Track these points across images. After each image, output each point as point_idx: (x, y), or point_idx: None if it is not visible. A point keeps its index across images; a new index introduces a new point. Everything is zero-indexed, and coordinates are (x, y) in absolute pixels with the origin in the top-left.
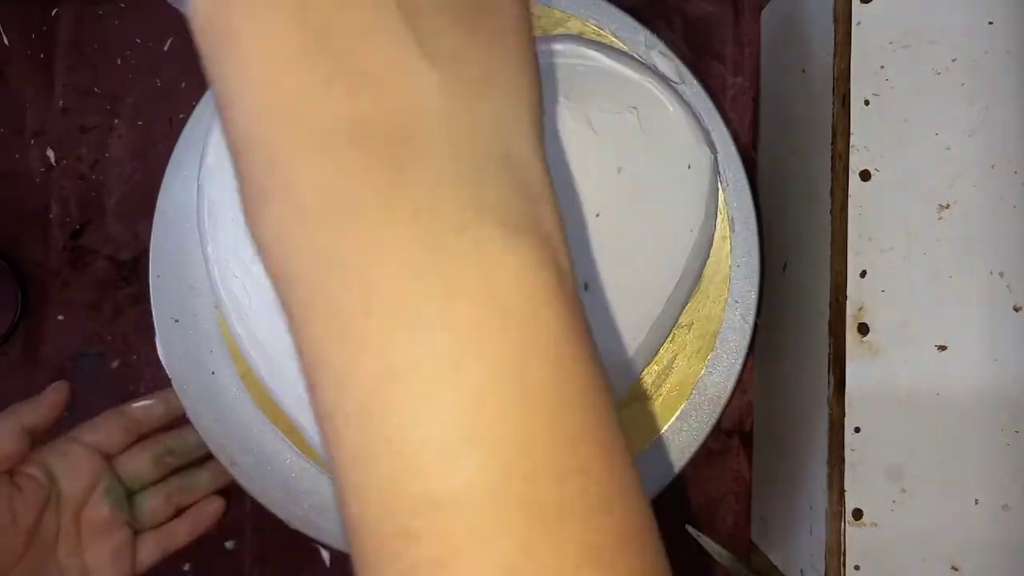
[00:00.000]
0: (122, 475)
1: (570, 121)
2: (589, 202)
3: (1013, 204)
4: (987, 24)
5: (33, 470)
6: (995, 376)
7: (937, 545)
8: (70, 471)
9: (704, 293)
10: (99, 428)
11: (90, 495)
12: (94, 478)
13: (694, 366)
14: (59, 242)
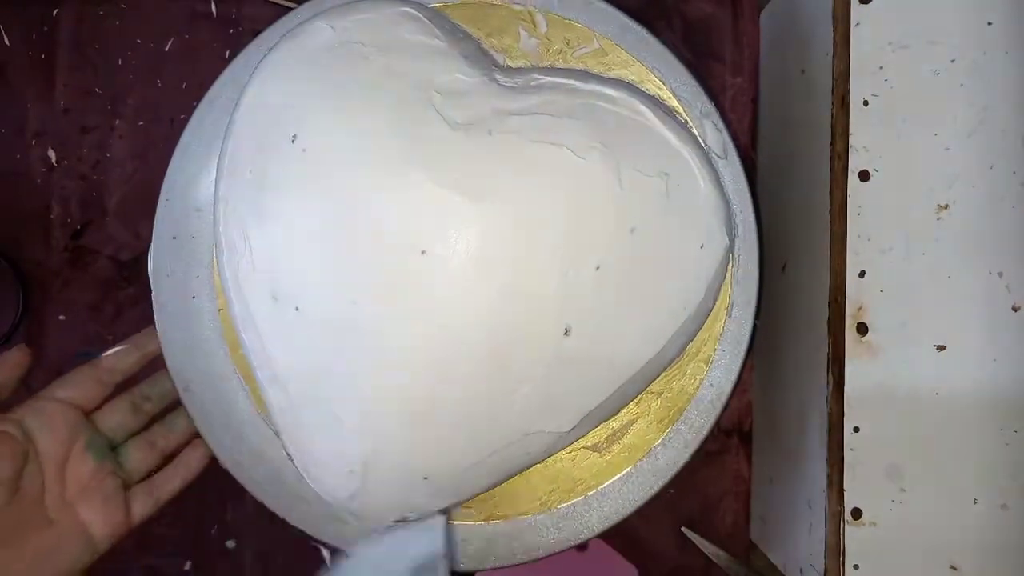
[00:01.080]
0: (103, 428)
1: (600, 167)
2: (593, 253)
3: (1012, 204)
4: (986, 25)
5: (7, 427)
6: (994, 376)
7: (936, 544)
8: (46, 427)
9: (681, 369)
10: (72, 383)
11: (70, 449)
12: (72, 432)
13: (651, 434)
14: (60, 242)
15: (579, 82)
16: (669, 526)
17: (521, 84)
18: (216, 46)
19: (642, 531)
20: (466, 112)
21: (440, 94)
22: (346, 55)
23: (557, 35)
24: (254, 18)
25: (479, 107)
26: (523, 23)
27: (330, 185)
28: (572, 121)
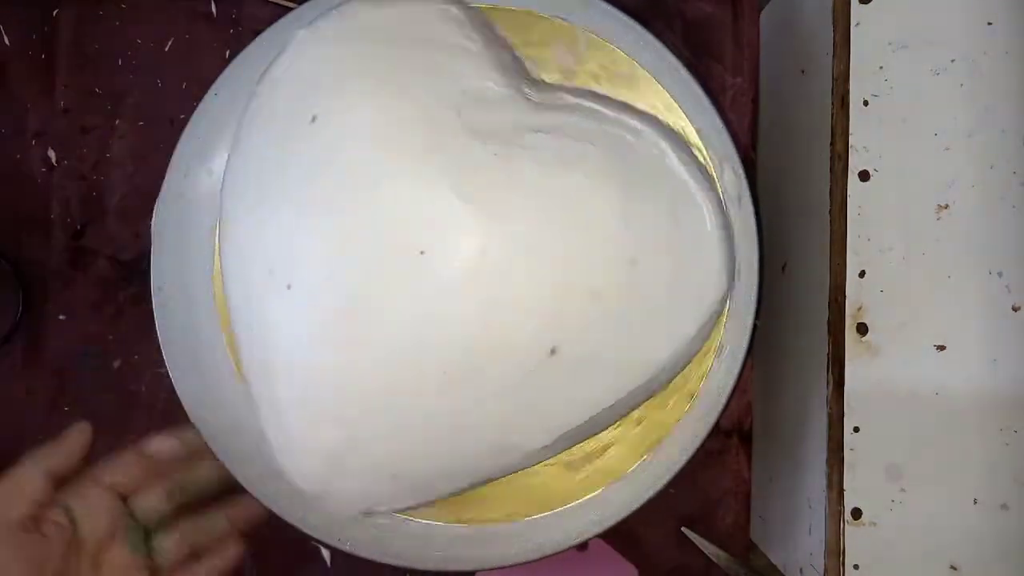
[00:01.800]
0: (136, 512)
1: (610, 197)
2: (590, 278)
3: (1012, 204)
4: (986, 25)
5: (57, 515)
6: (994, 376)
7: (936, 544)
8: (91, 515)
9: (662, 402)
10: (118, 469)
11: (111, 538)
12: (114, 521)
13: (625, 463)
14: (60, 242)
15: (606, 108)
16: (669, 526)
17: (548, 101)
18: (216, 46)
19: (642, 531)
20: (488, 121)
21: (466, 98)
22: (381, 43)
23: (595, 57)
24: (254, 18)
25: (502, 118)
26: (564, 39)
27: (341, 171)
28: (590, 147)
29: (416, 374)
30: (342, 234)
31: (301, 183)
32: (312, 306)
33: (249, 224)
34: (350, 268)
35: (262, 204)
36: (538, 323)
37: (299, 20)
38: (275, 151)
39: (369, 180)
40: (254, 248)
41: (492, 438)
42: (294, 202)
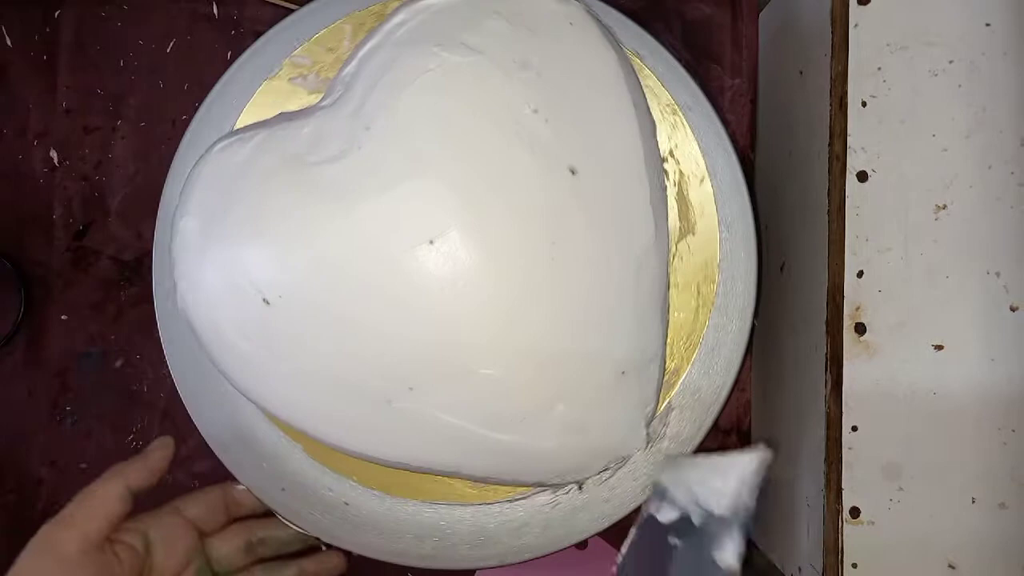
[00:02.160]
0: (212, 555)
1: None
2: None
3: (1010, 205)
4: (984, 26)
5: (133, 539)
6: (992, 375)
7: (934, 543)
8: (168, 544)
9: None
10: (201, 503)
11: (180, 571)
12: (188, 555)
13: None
14: (62, 242)
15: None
16: None
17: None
18: (218, 47)
19: None
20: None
21: (308, 147)
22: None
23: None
24: (255, 19)
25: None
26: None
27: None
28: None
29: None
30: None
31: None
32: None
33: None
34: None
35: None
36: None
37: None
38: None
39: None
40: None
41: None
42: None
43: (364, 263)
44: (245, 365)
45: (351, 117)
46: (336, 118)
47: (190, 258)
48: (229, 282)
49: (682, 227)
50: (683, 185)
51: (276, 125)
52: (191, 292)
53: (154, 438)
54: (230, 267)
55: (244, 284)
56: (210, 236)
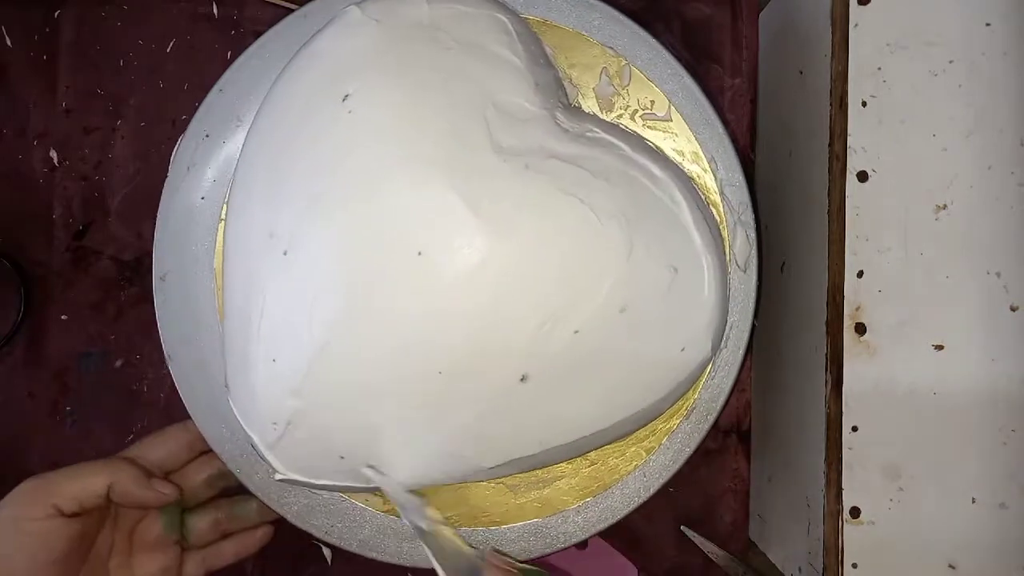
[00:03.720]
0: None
1: (613, 238)
2: (576, 317)
3: (1010, 205)
4: (984, 26)
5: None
6: (992, 375)
7: (934, 543)
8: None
9: (621, 449)
10: (164, 445)
11: (147, 513)
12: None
13: (567, 497)
14: (62, 242)
15: (631, 150)
16: (668, 524)
17: (577, 130)
18: (218, 47)
19: (641, 529)
20: (513, 139)
21: (497, 112)
22: (428, 38)
23: (636, 92)
24: (255, 19)
25: (528, 139)
26: (608, 68)
27: (358, 160)
28: (606, 184)
29: (390, 371)
30: (346, 220)
31: (318, 165)
32: (303, 277)
33: (258, 191)
34: (346, 253)
35: (275, 174)
36: (516, 349)
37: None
38: (299, 126)
39: (381, 175)
40: (259, 212)
41: (445, 446)
42: (307, 180)
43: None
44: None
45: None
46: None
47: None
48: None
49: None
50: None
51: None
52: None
53: None
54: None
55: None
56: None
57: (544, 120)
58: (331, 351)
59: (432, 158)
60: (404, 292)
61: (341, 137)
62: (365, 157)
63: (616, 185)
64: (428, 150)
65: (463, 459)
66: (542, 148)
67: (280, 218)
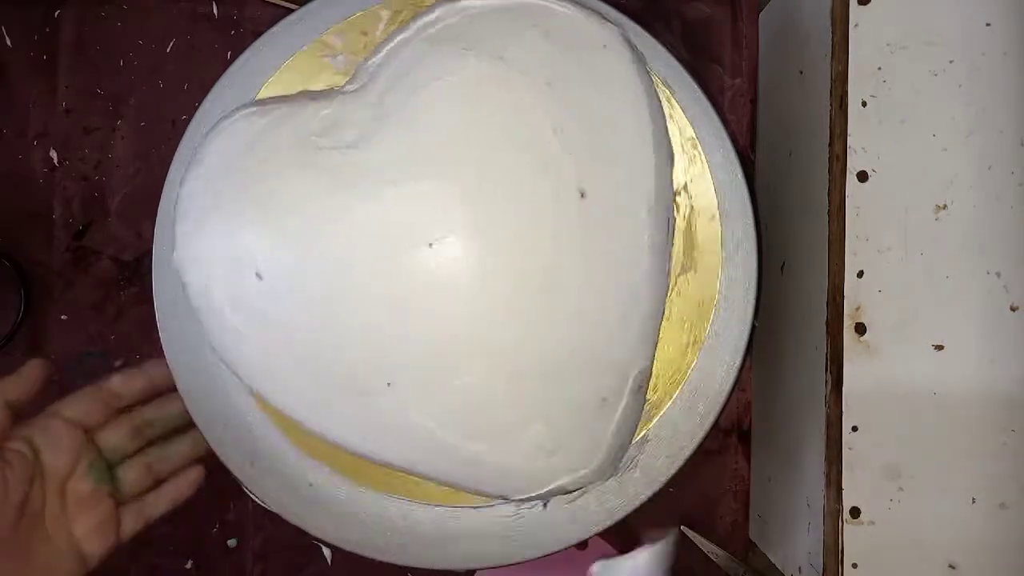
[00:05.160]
0: (102, 447)
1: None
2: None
3: (1010, 204)
4: (984, 26)
5: (18, 445)
6: (992, 375)
7: (934, 543)
8: (53, 445)
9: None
10: (79, 403)
11: (73, 469)
12: (76, 452)
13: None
14: (62, 242)
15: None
16: (668, 525)
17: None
18: (218, 47)
19: (642, 530)
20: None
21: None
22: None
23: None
24: (255, 19)
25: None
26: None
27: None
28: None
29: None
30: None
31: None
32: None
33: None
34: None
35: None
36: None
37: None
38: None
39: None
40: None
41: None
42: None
43: (361, 256)
44: (230, 334)
45: (370, 107)
46: (356, 106)
47: (192, 220)
48: (226, 251)
49: (684, 263)
50: (692, 220)
51: (297, 102)
52: (188, 253)
53: None
54: (229, 237)
55: (240, 256)
56: (215, 202)
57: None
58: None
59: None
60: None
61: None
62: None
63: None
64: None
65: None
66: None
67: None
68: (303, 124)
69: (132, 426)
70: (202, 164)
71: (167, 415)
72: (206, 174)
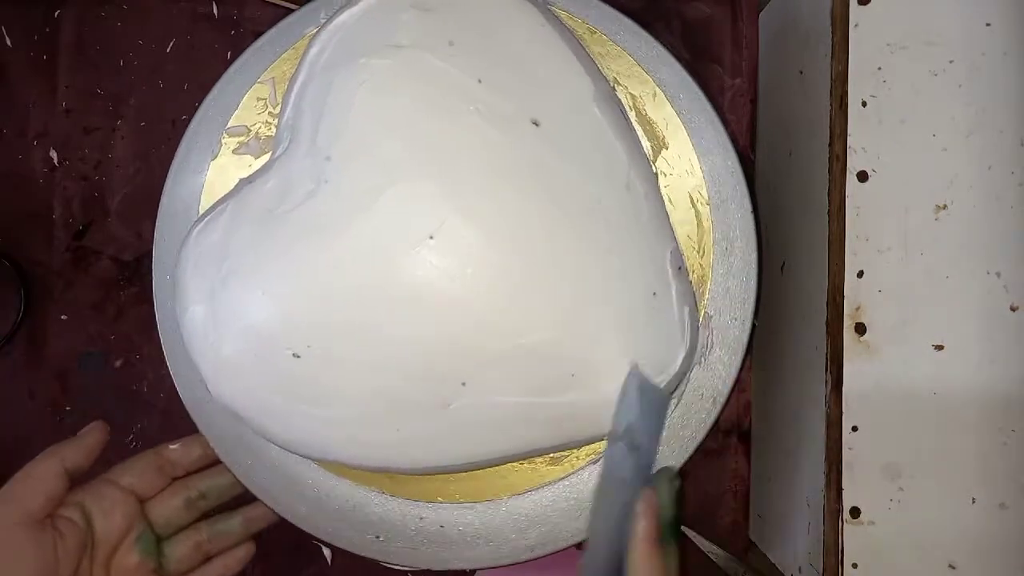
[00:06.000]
0: (153, 517)
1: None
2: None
3: (1010, 204)
4: (984, 26)
5: (72, 513)
6: (992, 375)
7: (934, 543)
8: (106, 514)
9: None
10: (134, 470)
11: (123, 539)
12: (128, 522)
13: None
14: (62, 242)
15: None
16: None
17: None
18: (218, 47)
19: None
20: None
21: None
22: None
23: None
24: (255, 19)
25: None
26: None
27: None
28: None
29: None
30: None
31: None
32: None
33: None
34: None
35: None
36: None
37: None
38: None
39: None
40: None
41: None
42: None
43: (375, 282)
44: (286, 420)
45: (308, 155)
46: (294, 161)
47: (207, 343)
48: (250, 350)
49: (653, 146)
50: (639, 106)
51: (239, 192)
52: (216, 373)
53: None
54: (245, 336)
55: (266, 347)
56: (217, 316)
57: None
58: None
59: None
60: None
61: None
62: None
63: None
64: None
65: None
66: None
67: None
68: (257, 205)
69: (186, 497)
70: (187, 290)
71: (219, 486)
72: (195, 296)
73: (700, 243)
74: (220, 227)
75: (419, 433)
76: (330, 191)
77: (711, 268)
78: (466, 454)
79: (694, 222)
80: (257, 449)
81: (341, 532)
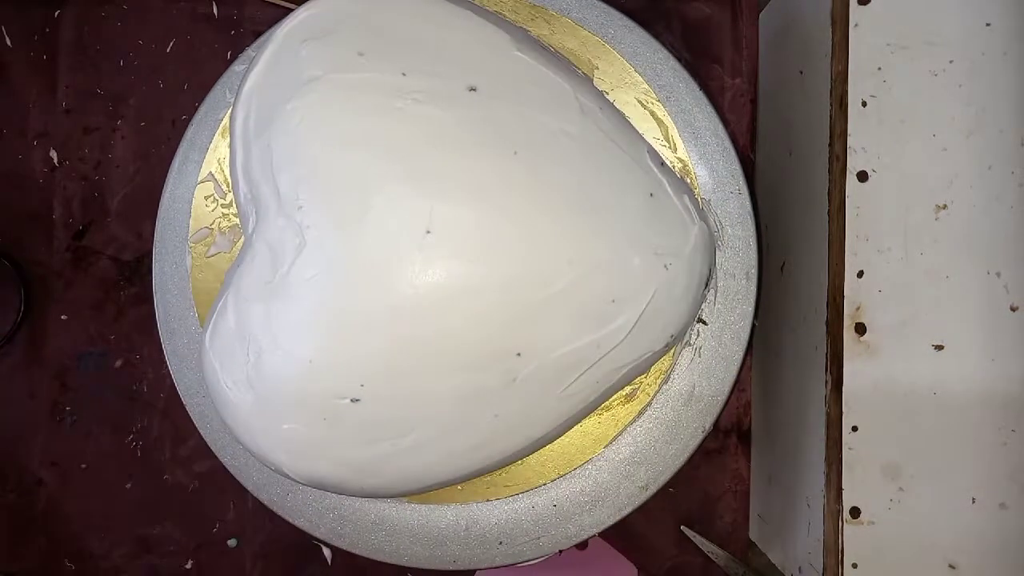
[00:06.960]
0: None
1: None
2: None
3: (1010, 204)
4: (984, 26)
5: None
6: (992, 375)
7: (934, 543)
8: None
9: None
10: None
11: None
12: None
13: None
14: (62, 242)
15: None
16: (668, 525)
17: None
18: (218, 47)
19: (641, 529)
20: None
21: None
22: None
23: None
24: (255, 19)
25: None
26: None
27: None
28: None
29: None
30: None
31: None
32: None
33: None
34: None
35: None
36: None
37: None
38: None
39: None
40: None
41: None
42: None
43: (395, 295)
44: (377, 467)
45: (281, 214)
46: (270, 227)
47: (262, 430)
48: (310, 417)
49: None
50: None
51: (231, 282)
52: (290, 454)
53: (154, 438)
54: (298, 404)
55: (325, 406)
56: (262, 399)
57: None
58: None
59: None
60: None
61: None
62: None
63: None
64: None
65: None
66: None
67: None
68: (253, 283)
69: None
70: (226, 400)
71: None
72: (237, 399)
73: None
74: (229, 319)
75: (506, 418)
76: (317, 234)
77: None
78: (552, 419)
79: None
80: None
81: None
